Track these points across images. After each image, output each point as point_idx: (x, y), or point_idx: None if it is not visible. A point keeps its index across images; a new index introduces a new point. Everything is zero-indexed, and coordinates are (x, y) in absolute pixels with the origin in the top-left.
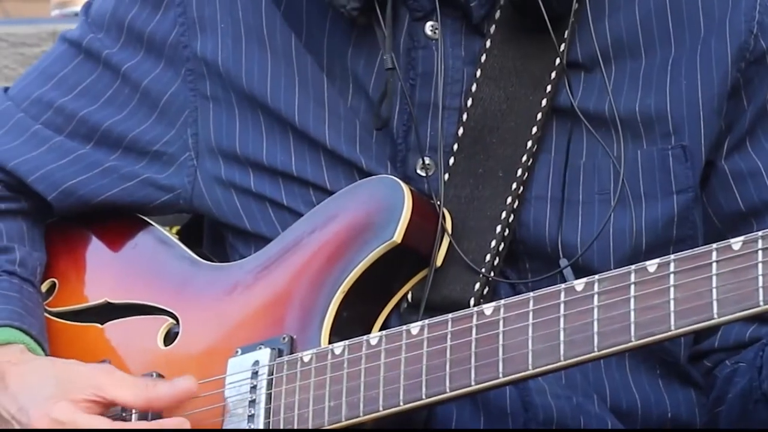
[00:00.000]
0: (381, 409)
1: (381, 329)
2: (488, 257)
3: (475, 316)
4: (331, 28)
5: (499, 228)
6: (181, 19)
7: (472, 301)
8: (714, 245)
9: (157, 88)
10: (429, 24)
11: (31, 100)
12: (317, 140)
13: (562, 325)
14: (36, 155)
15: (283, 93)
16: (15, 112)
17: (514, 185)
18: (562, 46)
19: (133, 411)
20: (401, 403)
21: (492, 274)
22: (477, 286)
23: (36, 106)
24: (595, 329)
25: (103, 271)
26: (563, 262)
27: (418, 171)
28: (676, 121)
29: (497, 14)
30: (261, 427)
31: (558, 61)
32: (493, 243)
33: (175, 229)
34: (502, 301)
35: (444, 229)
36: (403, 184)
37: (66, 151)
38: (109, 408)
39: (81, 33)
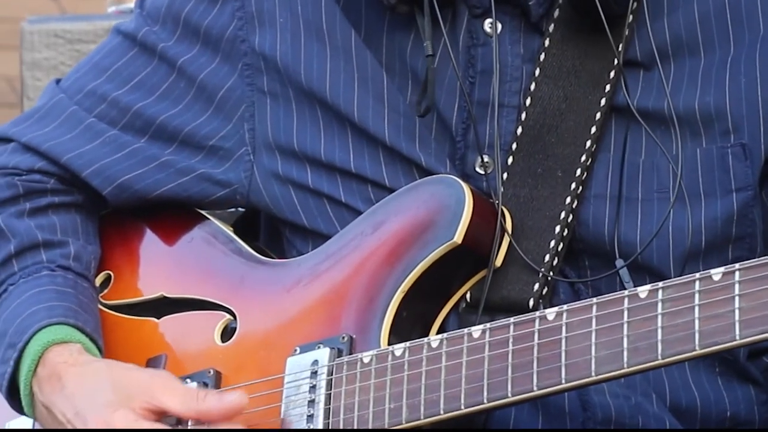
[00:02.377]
0: (442, 412)
1: (439, 329)
2: (547, 257)
3: (537, 321)
4: (390, 24)
5: (558, 228)
6: (239, 14)
7: (531, 302)
8: None
9: (213, 83)
10: (488, 21)
11: (84, 93)
12: (376, 137)
13: (625, 332)
14: (90, 149)
15: (343, 89)
16: (68, 105)
17: (573, 185)
18: (620, 46)
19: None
20: (462, 407)
21: (551, 274)
22: (536, 286)
23: (89, 98)
24: (659, 337)
25: (160, 265)
26: (619, 262)
27: (477, 169)
28: (736, 119)
29: (556, 13)
30: (320, 427)
31: (616, 60)
32: (552, 243)
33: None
34: (565, 306)
35: (504, 229)
36: (464, 184)
37: (121, 145)
38: (162, 416)
39: (136, 26)
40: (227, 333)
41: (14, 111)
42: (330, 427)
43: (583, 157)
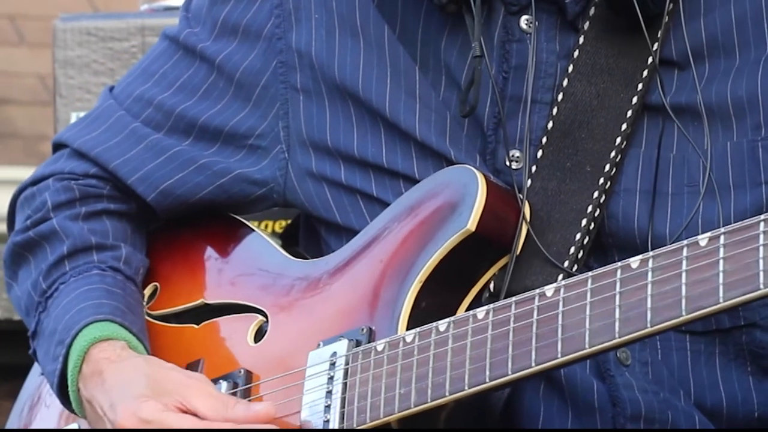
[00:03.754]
0: (447, 394)
1: None
2: (572, 250)
3: (537, 298)
4: (425, 20)
5: (584, 221)
6: (277, 11)
7: None
8: (762, 216)
9: (249, 79)
10: (524, 18)
11: (133, 98)
12: (408, 132)
13: (617, 302)
14: (134, 154)
15: (375, 84)
16: (116, 110)
17: (602, 180)
18: (655, 45)
19: None
20: (466, 387)
21: (575, 266)
22: (560, 278)
23: (137, 103)
24: (649, 305)
25: (200, 273)
26: None
27: (507, 164)
28: None
29: (592, 11)
30: (337, 416)
31: (650, 59)
32: (578, 236)
33: (267, 225)
34: (563, 282)
35: (524, 219)
36: (477, 173)
37: (162, 149)
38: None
39: (180, 28)
40: (260, 333)
41: (47, 109)
42: (345, 415)
43: (613, 153)
